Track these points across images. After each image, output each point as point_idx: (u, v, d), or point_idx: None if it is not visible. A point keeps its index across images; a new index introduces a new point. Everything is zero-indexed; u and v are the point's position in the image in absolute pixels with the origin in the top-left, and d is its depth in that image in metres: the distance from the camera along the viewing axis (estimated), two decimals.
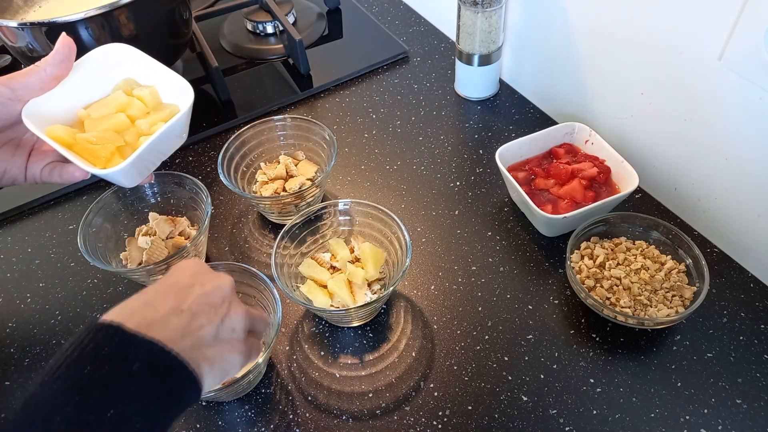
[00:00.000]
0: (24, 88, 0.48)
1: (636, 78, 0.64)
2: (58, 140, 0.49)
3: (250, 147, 0.71)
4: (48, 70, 0.49)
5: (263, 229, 0.70)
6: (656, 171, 0.68)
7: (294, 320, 0.61)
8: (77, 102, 0.52)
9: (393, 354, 0.58)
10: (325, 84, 0.87)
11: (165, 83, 0.54)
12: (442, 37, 0.95)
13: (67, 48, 0.49)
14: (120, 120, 0.52)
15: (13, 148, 0.51)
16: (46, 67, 0.49)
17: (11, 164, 0.50)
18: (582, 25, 0.68)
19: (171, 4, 0.75)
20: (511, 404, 0.54)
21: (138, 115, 0.53)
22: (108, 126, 0.51)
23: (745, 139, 0.56)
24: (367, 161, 0.76)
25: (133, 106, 0.53)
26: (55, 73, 0.49)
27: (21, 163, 0.50)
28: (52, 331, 0.62)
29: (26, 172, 0.51)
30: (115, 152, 0.50)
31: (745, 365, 0.55)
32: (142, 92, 0.53)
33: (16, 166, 0.50)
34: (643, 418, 0.52)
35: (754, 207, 0.58)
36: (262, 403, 0.55)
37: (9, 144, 0.51)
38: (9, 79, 0.48)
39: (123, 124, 0.52)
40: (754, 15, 0.49)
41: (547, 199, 0.65)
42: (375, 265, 0.60)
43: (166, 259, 0.59)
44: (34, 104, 0.49)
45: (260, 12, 0.96)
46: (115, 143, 0.50)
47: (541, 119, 0.80)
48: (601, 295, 0.57)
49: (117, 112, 0.52)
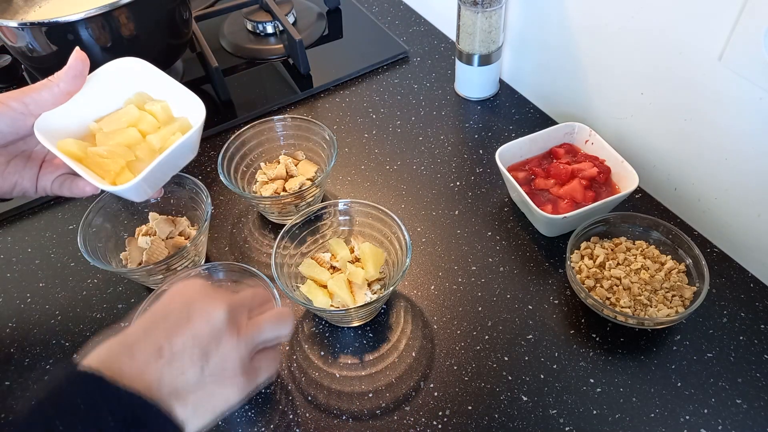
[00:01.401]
0: (36, 102, 0.48)
1: (636, 78, 0.64)
2: (70, 154, 0.49)
3: (250, 147, 0.71)
4: (61, 86, 0.48)
5: (263, 229, 0.70)
6: (656, 171, 0.68)
7: (294, 320, 0.61)
8: (89, 115, 0.52)
9: (393, 354, 0.58)
10: (325, 84, 0.87)
11: (176, 98, 0.54)
12: (442, 37, 0.95)
13: (80, 64, 0.49)
14: (131, 134, 0.52)
15: (24, 160, 0.51)
16: (59, 83, 0.48)
17: (22, 176, 0.50)
18: (582, 25, 0.68)
19: (171, 4, 0.75)
20: (511, 404, 0.54)
21: (149, 130, 0.52)
22: (119, 140, 0.51)
23: (745, 138, 0.56)
24: (367, 161, 0.76)
25: (144, 120, 0.52)
26: (68, 88, 0.49)
27: (32, 175, 0.51)
28: (52, 331, 0.62)
29: (37, 185, 0.51)
30: (125, 167, 0.50)
31: (745, 365, 0.55)
32: (154, 107, 0.53)
33: (27, 179, 0.50)
34: (643, 418, 0.52)
35: (754, 207, 0.58)
36: (262, 403, 0.55)
37: (20, 156, 0.51)
38: (22, 94, 0.47)
39: (134, 138, 0.52)
40: (754, 15, 0.49)
41: (547, 199, 0.65)
42: (375, 265, 0.60)
43: (166, 259, 0.59)
44: (46, 118, 0.49)
45: (260, 12, 0.96)
46: (126, 158, 0.50)
47: (541, 119, 0.80)
48: (601, 295, 0.57)
49: (128, 126, 0.52)
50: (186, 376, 0.36)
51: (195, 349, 0.36)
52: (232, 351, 0.38)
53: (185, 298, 0.39)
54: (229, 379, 0.37)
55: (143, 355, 0.35)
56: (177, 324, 0.37)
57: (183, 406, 0.35)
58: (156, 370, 0.35)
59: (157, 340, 0.36)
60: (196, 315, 0.38)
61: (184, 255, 0.61)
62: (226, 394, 0.37)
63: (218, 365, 0.37)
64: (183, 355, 0.36)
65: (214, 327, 0.37)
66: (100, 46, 0.69)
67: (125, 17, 0.69)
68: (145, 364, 0.35)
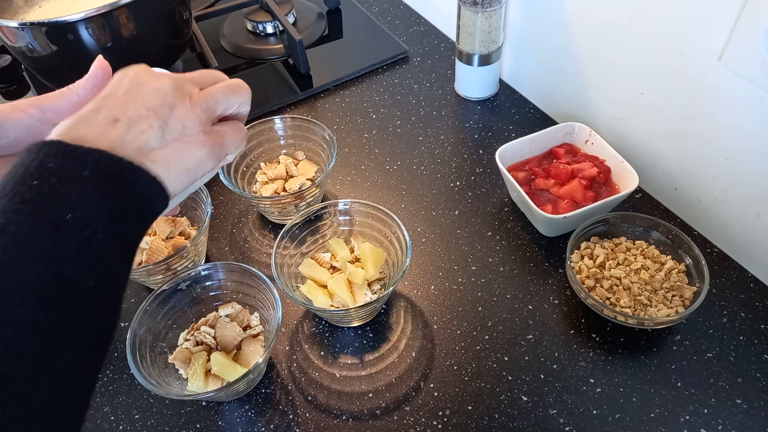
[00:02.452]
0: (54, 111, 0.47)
1: (636, 78, 0.64)
2: None
3: (250, 147, 0.71)
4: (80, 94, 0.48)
5: (263, 229, 0.70)
6: (656, 171, 0.68)
7: (294, 320, 0.61)
8: None
9: (393, 354, 0.58)
10: (325, 84, 0.87)
11: None
12: (442, 37, 0.95)
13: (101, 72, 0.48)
14: None
15: None
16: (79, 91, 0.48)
17: None
18: (582, 25, 0.68)
19: (171, 4, 0.75)
20: (511, 404, 0.54)
21: None
22: None
23: (745, 139, 0.56)
24: (367, 161, 0.76)
25: None
26: (87, 97, 0.48)
27: None
28: None
29: None
30: None
31: (745, 365, 0.55)
32: None
33: None
34: (643, 418, 0.52)
35: (754, 207, 0.58)
36: (262, 403, 0.55)
37: None
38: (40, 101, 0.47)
39: None
40: (754, 15, 0.49)
41: (547, 199, 0.65)
42: (375, 265, 0.60)
43: (166, 259, 0.59)
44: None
45: (260, 12, 0.96)
46: None
47: (541, 119, 0.80)
48: (601, 295, 0.57)
49: None
50: (146, 136, 0.35)
51: (150, 114, 0.36)
52: (188, 113, 0.38)
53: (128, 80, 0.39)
54: (192, 137, 0.38)
55: (98, 124, 0.35)
56: (126, 98, 0.37)
57: (152, 162, 0.35)
58: (114, 134, 0.34)
59: (109, 112, 0.36)
60: (144, 89, 0.38)
61: (184, 255, 0.61)
62: (194, 151, 0.37)
63: (177, 126, 0.37)
64: (139, 121, 0.36)
65: (165, 96, 0.38)
66: (100, 46, 0.69)
67: (125, 17, 0.69)
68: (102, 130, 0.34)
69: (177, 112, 0.37)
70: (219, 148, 0.39)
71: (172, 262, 0.59)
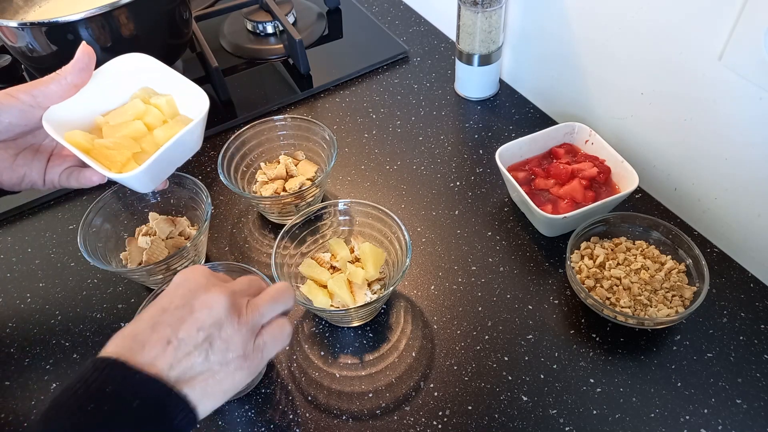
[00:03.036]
0: (44, 95, 0.50)
1: (636, 78, 0.64)
2: (77, 145, 0.50)
3: (250, 147, 0.71)
4: (68, 79, 0.50)
5: (263, 229, 0.70)
6: (656, 171, 0.68)
7: (294, 320, 0.61)
8: (96, 109, 0.54)
9: (393, 354, 0.58)
10: (325, 84, 0.87)
11: (182, 92, 0.55)
12: (442, 37, 0.95)
13: (86, 57, 0.51)
14: (137, 127, 0.53)
15: (32, 153, 0.52)
16: (67, 76, 0.50)
17: (30, 169, 0.52)
18: (582, 24, 0.68)
19: (171, 4, 0.75)
20: (511, 404, 0.54)
21: (154, 123, 0.54)
22: (125, 133, 0.52)
23: (745, 139, 0.56)
24: (367, 161, 0.76)
25: (150, 114, 0.54)
26: (74, 81, 0.51)
27: (40, 168, 0.52)
28: (52, 331, 0.62)
29: (45, 177, 0.53)
30: (130, 158, 0.51)
31: (745, 365, 0.55)
32: (159, 101, 0.54)
33: (35, 171, 0.52)
34: (643, 418, 0.52)
35: (754, 207, 0.58)
36: (262, 403, 0.55)
37: (29, 149, 0.52)
38: (30, 87, 0.49)
39: (140, 131, 0.53)
40: (754, 15, 0.49)
41: (547, 199, 0.65)
42: (375, 265, 0.60)
43: (166, 259, 0.59)
44: (54, 111, 0.50)
45: (260, 12, 0.96)
46: (132, 149, 0.52)
47: (541, 119, 0.80)
48: (601, 295, 0.57)
49: (134, 119, 0.53)
50: (191, 360, 0.38)
51: (199, 334, 0.39)
52: (234, 334, 0.40)
53: (187, 290, 0.41)
54: (234, 362, 0.40)
55: (152, 347, 0.38)
56: (181, 316, 0.39)
57: (191, 388, 0.38)
58: (165, 360, 0.37)
59: (163, 333, 0.38)
60: (198, 306, 0.40)
61: (184, 255, 0.61)
62: (233, 376, 0.40)
63: (221, 347, 0.39)
64: (188, 344, 0.38)
65: (216, 315, 0.40)
66: (100, 46, 0.69)
67: (125, 17, 0.69)
68: (156, 354, 0.37)
69: (224, 333, 0.40)
70: (256, 368, 0.42)
71: (172, 262, 0.59)
